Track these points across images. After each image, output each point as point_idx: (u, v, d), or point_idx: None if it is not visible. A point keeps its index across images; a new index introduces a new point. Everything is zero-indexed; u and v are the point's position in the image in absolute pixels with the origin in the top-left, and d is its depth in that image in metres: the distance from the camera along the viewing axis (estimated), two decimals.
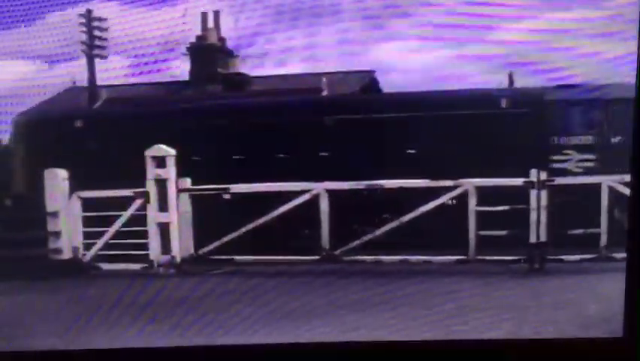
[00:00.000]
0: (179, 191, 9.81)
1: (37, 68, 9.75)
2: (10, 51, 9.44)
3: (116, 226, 9.82)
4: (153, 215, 9.80)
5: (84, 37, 10.18)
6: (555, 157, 9.74)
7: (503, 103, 9.68)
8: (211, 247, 9.73)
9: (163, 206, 9.80)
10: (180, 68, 10.63)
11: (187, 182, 9.86)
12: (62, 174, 9.90)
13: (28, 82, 9.72)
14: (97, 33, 10.19)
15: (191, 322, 7.23)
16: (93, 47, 10.30)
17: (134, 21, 9.50)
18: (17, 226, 9.54)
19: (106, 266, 9.74)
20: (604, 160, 9.50)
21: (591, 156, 9.68)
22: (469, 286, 8.21)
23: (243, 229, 9.67)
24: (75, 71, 10.42)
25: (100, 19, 10.01)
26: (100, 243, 9.84)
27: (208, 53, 10.70)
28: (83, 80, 10.79)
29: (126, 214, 9.82)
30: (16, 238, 9.36)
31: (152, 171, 9.79)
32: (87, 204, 9.91)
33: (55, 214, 9.91)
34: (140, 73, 10.18)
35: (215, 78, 10.75)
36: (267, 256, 9.37)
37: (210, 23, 10.60)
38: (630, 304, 5.14)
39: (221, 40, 10.54)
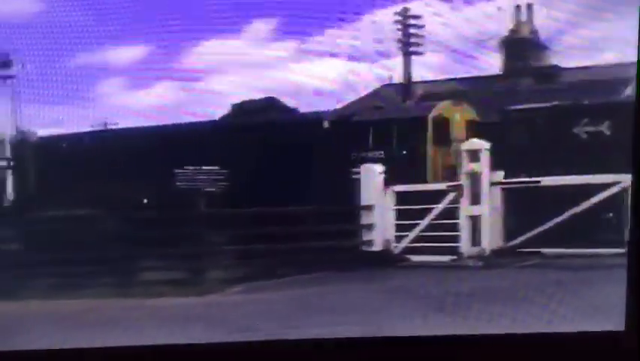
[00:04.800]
0: (491, 184, 9.76)
1: (355, 65, 10.22)
2: (332, 50, 9.99)
3: (429, 218, 9.93)
4: (465, 208, 9.82)
5: (400, 35, 10.50)
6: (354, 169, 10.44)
7: (325, 124, 10.85)
8: (519, 239, 9.56)
9: (474, 199, 9.80)
10: (492, 63, 10.55)
11: (499, 175, 9.76)
12: (377, 169, 10.23)
13: (348, 79, 10.22)
14: (413, 31, 10.45)
15: (494, 312, 7.00)
16: (409, 44, 10.59)
17: (449, 17, 9.65)
18: (331, 218, 9.96)
19: (415, 258, 9.88)
20: (393, 170, 10.31)
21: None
22: None
23: (550, 223, 9.41)
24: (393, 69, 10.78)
25: (416, 17, 10.27)
26: (411, 235, 10.02)
27: (521, 47, 10.54)
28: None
29: (439, 207, 9.92)
30: (330, 230, 9.80)
31: (466, 165, 9.86)
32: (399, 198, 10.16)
33: (369, 208, 10.26)
34: (454, 68, 10.36)
35: (528, 71, 10.54)
36: (572, 248, 9.04)
37: (524, 17, 10.42)
38: (631, 298, 5.14)
39: (534, 33, 10.31)
